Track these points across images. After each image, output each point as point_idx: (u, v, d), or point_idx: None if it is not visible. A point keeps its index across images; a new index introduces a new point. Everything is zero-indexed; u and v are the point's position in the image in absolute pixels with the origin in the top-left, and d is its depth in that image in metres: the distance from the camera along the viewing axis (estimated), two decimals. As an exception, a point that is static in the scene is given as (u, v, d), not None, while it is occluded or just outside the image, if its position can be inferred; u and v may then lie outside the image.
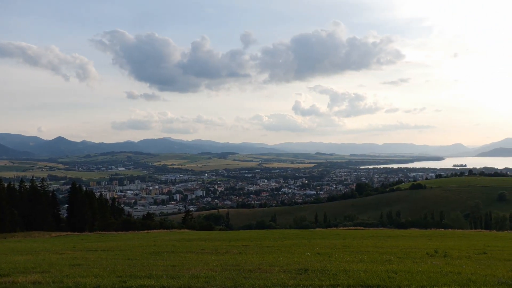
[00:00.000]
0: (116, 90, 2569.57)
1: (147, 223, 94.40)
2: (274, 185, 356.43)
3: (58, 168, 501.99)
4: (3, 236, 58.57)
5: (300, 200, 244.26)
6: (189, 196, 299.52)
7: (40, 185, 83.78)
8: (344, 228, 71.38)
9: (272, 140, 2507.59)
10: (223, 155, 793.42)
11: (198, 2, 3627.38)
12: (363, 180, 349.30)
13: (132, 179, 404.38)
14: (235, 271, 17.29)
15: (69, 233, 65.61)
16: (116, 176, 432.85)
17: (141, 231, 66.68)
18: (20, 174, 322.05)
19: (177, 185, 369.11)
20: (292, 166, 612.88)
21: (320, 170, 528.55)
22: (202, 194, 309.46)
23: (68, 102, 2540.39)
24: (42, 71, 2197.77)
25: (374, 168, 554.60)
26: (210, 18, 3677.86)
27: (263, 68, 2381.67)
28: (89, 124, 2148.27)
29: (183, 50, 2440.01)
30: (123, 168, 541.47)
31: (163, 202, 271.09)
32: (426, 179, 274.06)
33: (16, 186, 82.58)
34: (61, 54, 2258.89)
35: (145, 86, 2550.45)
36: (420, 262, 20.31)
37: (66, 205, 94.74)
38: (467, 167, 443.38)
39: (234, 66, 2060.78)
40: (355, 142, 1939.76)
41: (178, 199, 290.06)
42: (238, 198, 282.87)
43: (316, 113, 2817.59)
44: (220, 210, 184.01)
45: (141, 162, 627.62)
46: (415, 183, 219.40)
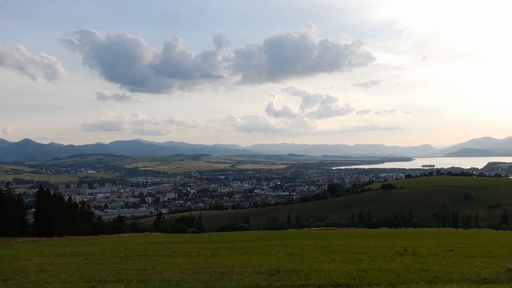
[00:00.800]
0: (86, 91, 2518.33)
1: (118, 226, 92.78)
2: (247, 186, 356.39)
3: (25, 171, 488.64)
4: (-34, 242, 56.56)
5: (273, 201, 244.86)
6: (161, 199, 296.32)
7: (5, 189, 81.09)
8: (317, 228, 71.90)
9: (245, 141, 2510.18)
10: (196, 157, 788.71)
11: (170, 3, 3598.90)
12: (335, 180, 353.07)
13: (102, 182, 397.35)
14: (207, 274, 17.21)
15: (36, 238, 63.81)
16: (86, 179, 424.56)
17: (111, 235, 65.48)
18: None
19: (149, 187, 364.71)
20: (265, 167, 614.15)
21: (292, 171, 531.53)
22: (174, 197, 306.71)
23: (35, 103, 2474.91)
24: (8, 71, 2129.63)
25: (345, 169, 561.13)
26: (183, 18, 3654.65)
27: (236, 70, 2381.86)
28: (57, 126, 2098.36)
29: (155, 50, 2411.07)
30: (93, 171, 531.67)
31: (135, 205, 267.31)
32: (396, 179, 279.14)
33: (-20, 190, 79.73)
34: (27, 53, 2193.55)
35: (115, 87, 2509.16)
36: (390, 260, 20.68)
37: (33, 209, 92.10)
38: (435, 167, 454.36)
39: (207, 67, 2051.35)
40: (327, 143, 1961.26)
41: (150, 202, 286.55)
42: (211, 200, 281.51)
43: (289, 114, 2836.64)
44: (192, 212, 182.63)
45: (111, 165, 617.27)
46: (385, 183, 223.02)
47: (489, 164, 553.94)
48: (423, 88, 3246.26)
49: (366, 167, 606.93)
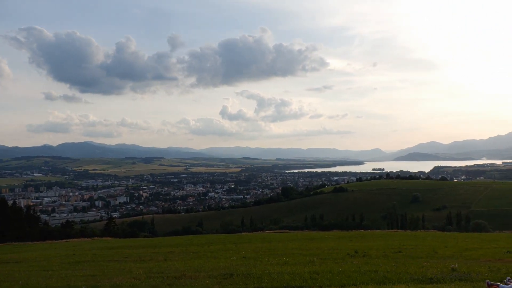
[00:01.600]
0: (33, 91, 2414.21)
1: (66, 231, 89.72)
2: (201, 190, 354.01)
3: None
4: None
5: (227, 205, 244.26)
6: (112, 203, 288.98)
7: None
8: (270, 231, 72.43)
9: (199, 144, 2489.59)
10: (149, 160, 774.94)
11: (123, 2, 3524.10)
12: (288, 184, 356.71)
13: (50, 186, 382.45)
14: (159, 279, 16.93)
15: (-23, 244, 60.60)
16: (32, 183, 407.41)
17: (59, 240, 63.35)
18: None
19: (99, 191, 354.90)
20: (219, 170, 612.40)
21: (247, 174, 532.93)
22: (126, 200, 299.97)
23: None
24: None
25: (299, 172, 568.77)
26: (136, 19, 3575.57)
27: (191, 72, 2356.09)
28: (1, 127, 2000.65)
29: (107, 50, 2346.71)
30: (40, 174, 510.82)
31: (84, 209, 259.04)
32: (348, 182, 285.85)
33: None
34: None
35: (64, 87, 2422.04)
36: (341, 262, 21.12)
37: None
38: (385, 170, 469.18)
39: (160, 68, 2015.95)
40: (281, 146, 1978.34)
41: (101, 206, 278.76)
42: (164, 203, 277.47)
43: (243, 117, 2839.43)
44: (145, 216, 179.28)
45: (60, 167, 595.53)
46: (337, 186, 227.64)
47: (435, 168, 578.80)
48: (373, 94, 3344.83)
49: (319, 170, 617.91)
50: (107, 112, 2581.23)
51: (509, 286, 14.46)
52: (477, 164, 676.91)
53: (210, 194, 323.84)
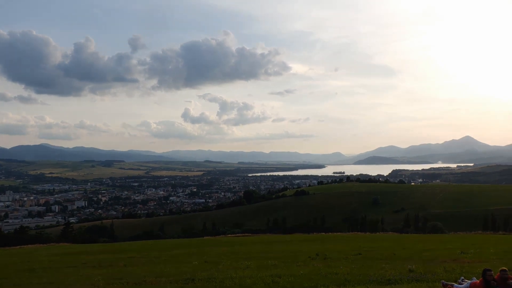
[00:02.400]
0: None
1: (21, 237, 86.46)
2: (162, 193, 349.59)
3: None
4: None
5: (189, 209, 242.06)
6: (69, 207, 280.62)
7: None
8: (233, 235, 72.25)
9: (161, 147, 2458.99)
10: (108, 163, 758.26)
11: (83, 2, 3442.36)
12: (251, 187, 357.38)
13: (2, 190, 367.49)
14: (119, 285, 16.60)
15: None
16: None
17: (13, 247, 60.92)
18: None
19: (56, 195, 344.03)
20: (181, 174, 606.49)
21: (209, 178, 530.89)
22: (84, 205, 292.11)
23: None
24: None
25: (261, 176, 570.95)
26: (96, 19, 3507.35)
27: (152, 74, 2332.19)
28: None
29: (65, 51, 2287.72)
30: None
31: (40, 214, 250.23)
32: (309, 185, 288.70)
33: None
34: None
35: (19, 87, 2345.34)
36: (303, 265, 21.33)
37: None
38: (345, 174, 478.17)
39: (121, 70, 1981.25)
40: (244, 150, 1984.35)
41: (57, 211, 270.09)
42: (124, 208, 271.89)
43: (206, 121, 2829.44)
44: (104, 221, 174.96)
45: (14, 171, 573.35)
46: (299, 189, 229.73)
47: (393, 171, 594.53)
48: (335, 98, 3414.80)
49: (281, 174, 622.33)
50: (65, 114, 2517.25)
51: (463, 286, 15.03)
52: (433, 168, 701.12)
53: (171, 198, 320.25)
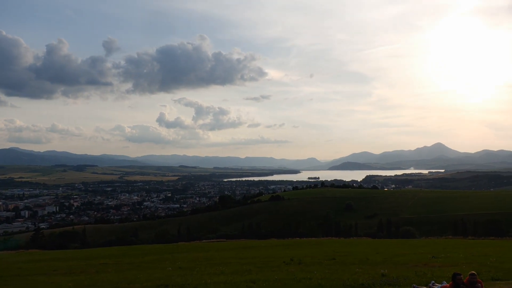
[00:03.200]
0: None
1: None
2: (136, 198, 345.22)
3: None
4: None
5: (163, 214, 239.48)
6: (40, 213, 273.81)
7: None
8: (207, 240, 71.95)
9: (135, 152, 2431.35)
10: (81, 168, 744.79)
11: (56, 3, 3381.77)
12: (226, 192, 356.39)
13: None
14: (90, 292, 16.30)
15: None
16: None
17: (-20, 254, 58.96)
18: None
19: (25, 200, 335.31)
20: (155, 179, 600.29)
21: (184, 183, 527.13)
22: (55, 210, 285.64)
23: None
24: None
25: (236, 181, 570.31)
26: (69, 20, 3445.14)
27: (127, 78, 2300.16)
28: None
29: (37, 52, 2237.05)
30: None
31: (8, 220, 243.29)
32: (284, 191, 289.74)
33: None
34: None
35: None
36: (277, 270, 21.38)
37: None
38: (320, 179, 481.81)
39: (94, 73, 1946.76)
40: (219, 155, 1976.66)
41: (27, 216, 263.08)
42: (96, 213, 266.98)
43: (181, 125, 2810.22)
44: (76, 226, 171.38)
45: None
46: (274, 195, 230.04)
47: (367, 177, 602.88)
48: (310, 104, 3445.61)
49: (256, 179, 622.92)
50: (36, 117, 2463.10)
51: (433, 289, 15.35)
52: (405, 174, 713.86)
53: (145, 203, 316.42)
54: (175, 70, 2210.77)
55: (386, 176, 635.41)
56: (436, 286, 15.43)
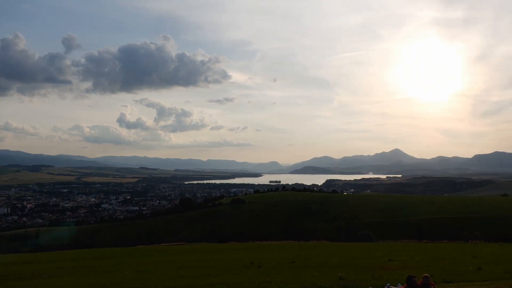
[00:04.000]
0: None
1: None
2: (94, 200, 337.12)
3: None
4: None
5: (122, 217, 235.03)
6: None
7: None
8: (168, 244, 71.04)
9: (94, 153, 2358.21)
10: (36, 168, 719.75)
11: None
12: (187, 195, 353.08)
13: None
14: (44, 297, 15.80)
15: None
16: None
17: None
18: None
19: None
20: (114, 180, 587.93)
21: (144, 185, 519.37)
22: (7, 212, 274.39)
23: None
24: None
25: (198, 184, 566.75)
26: (26, 15, 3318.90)
27: (87, 76, 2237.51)
28: None
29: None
30: None
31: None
32: (246, 194, 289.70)
33: None
34: None
35: None
36: (238, 273, 21.40)
37: None
38: (281, 183, 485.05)
39: (52, 70, 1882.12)
40: (181, 157, 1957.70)
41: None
42: (51, 215, 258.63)
43: (142, 126, 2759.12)
44: (29, 229, 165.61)
45: None
46: (235, 198, 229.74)
47: (327, 181, 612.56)
48: (273, 108, 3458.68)
49: (218, 182, 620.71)
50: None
51: (389, 292, 15.80)
52: (364, 178, 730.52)
53: (103, 205, 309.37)
54: (137, 70, 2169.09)
55: (345, 180, 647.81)
56: (392, 288, 15.90)
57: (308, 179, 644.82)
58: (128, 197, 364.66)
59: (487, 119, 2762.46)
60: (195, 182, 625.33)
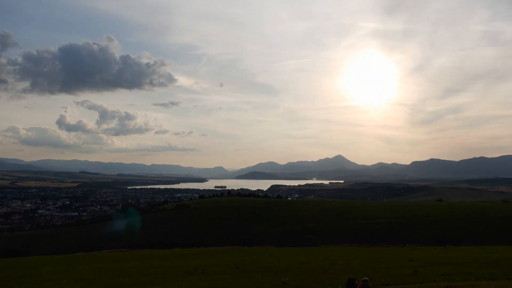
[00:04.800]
0: None
1: None
2: (30, 206, 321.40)
3: None
4: None
5: (60, 223, 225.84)
6: None
7: None
8: (108, 251, 68.90)
9: (30, 156, 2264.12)
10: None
11: None
12: (129, 200, 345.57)
13: None
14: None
15: None
16: None
17: None
18: None
19: None
20: (52, 185, 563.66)
21: (84, 190, 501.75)
22: None
23: None
24: None
25: (141, 189, 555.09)
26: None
27: (24, 76, 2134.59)
28: None
29: None
30: None
31: None
32: (191, 199, 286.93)
33: None
34: None
35: None
36: (180, 280, 21.10)
37: None
38: (227, 188, 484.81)
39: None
40: (123, 161, 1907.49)
41: None
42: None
43: (83, 129, 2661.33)
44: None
45: None
46: (180, 203, 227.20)
47: (272, 186, 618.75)
48: (219, 113, 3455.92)
49: (162, 187, 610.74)
50: None
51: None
52: (308, 184, 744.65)
53: (40, 211, 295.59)
54: (79, 70, 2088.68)
55: (290, 185, 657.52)
56: (333, 291, 16.30)
57: (254, 185, 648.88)
58: (67, 202, 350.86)
59: (424, 128, 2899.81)
60: (139, 187, 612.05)
